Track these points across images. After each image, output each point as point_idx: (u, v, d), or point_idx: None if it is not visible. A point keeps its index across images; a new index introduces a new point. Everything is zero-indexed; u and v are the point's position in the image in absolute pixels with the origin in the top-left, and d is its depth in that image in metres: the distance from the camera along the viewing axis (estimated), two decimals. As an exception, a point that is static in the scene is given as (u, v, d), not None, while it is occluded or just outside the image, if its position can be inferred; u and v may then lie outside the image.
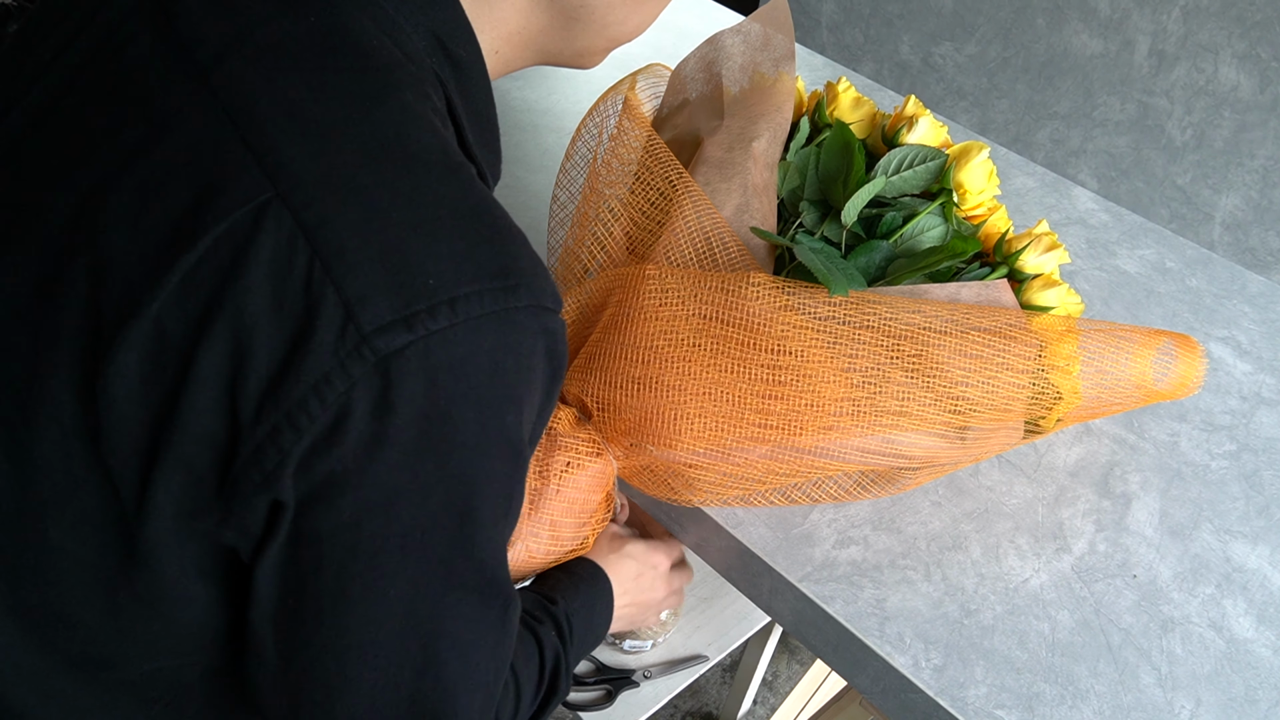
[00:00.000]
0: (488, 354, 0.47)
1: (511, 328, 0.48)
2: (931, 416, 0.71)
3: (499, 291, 0.47)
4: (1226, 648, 0.75)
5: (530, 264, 0.50)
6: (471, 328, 0.46)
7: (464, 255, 0.47)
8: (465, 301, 0.46)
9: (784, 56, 0.89)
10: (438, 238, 0.47)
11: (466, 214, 0.49)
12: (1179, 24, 1.94)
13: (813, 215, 0.81)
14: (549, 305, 0.50)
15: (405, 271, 0.45)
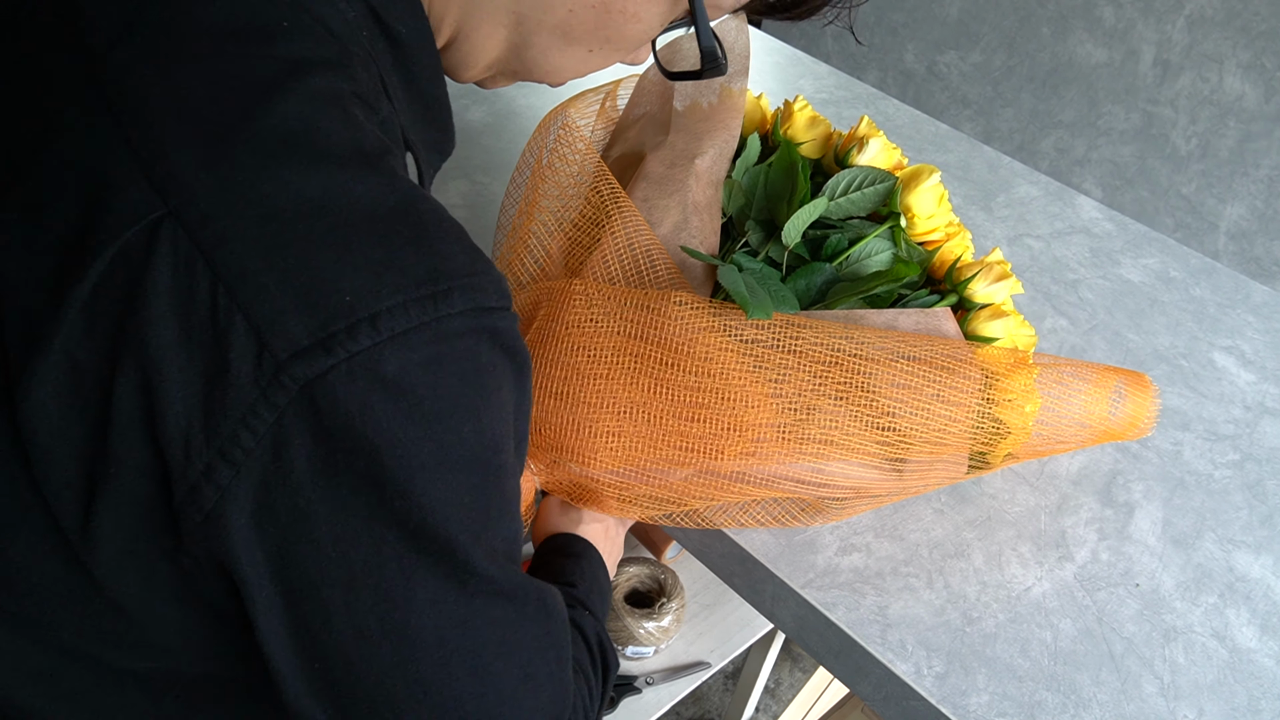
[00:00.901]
0: (423, 369, 0.43)
1: (446, 337, 0.44)
2: (859, 446, 0.69)
3: (427, 300, 0.43)
4: (1230, 657, 0.74)
5: (465, 261, 0.46)
6: (400, 344, 0.42)
7: (383, 264, 0.43)
8: (389, 316, 0.42)
9: (738, 72, 0.88)
10: (352, 247, 0.43)
11: (386, 215, 0.44)
12: (1184, 34, 1.95)
13: (758, 235, 0.80)
14: (492, 304, 0.46)
15: (318, 289, 0.42)
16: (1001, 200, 1.22)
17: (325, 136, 0.45)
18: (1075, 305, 1.07)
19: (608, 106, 0.91)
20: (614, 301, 0.71)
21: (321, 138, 0.45)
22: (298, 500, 0.43)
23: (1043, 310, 1.05)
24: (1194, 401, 0.97)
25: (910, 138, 1.32)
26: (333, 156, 0.45)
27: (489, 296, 0.46)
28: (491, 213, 1.08)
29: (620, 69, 1.37)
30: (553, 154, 0.81)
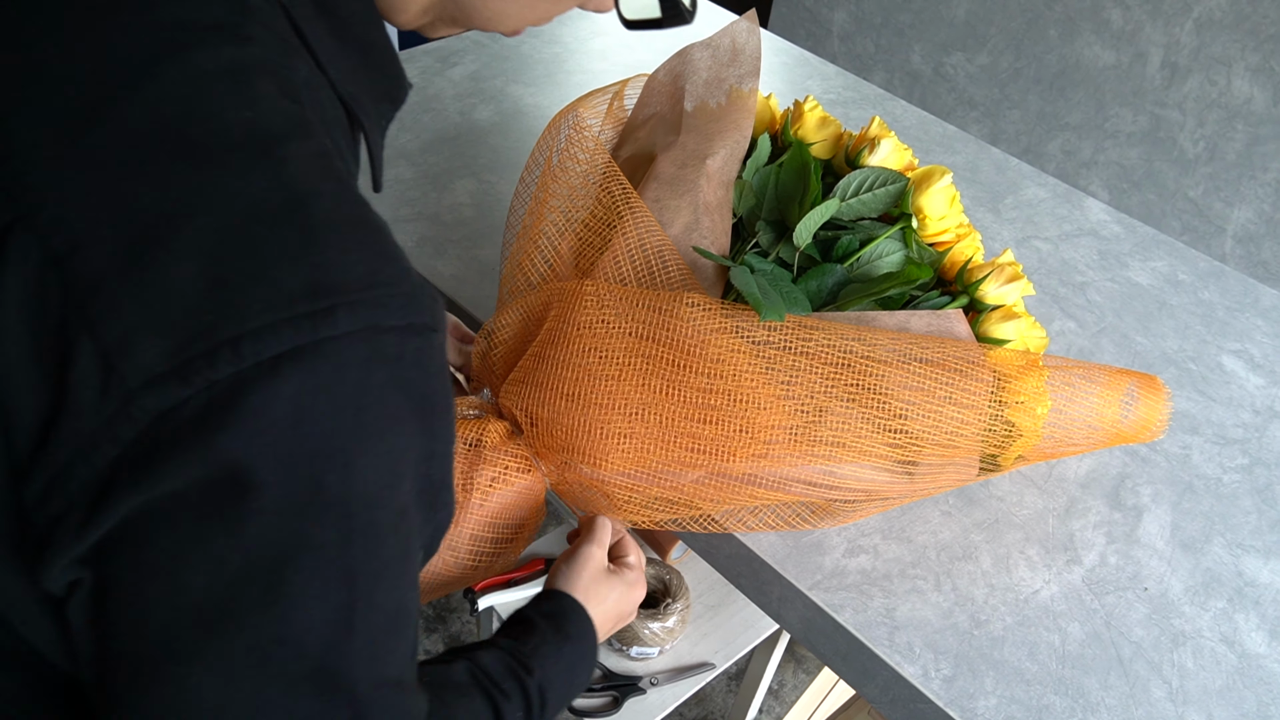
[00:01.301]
0: (290, 402, 0.37)
1: (324, 364, 0.37)
2: (870, 448, 0.69)
3: (303, 320, 0.37)
4: (1239, 662, 0.74)
5: (362, 272, 0.39)
6: (266, 372, 0.36)
7: (254, 276, 0.37)
8: (254, 339, 0.36)
9: (749, 73, 0.88)
10: (221, 256, 0.37)
11: (266, 217, 0.38)
12: (1192, 36, 1.94)
13: (768, 236, 0.80)
14: (392, 322, 0.39)
15: (178, 306, 0.36)
16: (1009, 202, 1.22)
17: (204, 123, 0.39)
18: (1083, 308, 1.07)
19: (615, 106, 0.90)
20: (625, 302, 0.70)
21: (199, 125, 0.39)
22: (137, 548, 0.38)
23: (1051, 313, 1.05)
24: (1203, 405, 0.96)
25: (918, 139, 1.32)
26: (209, 148, 0.39)
27: (388, 313, 0.39)
28: (499, 212, 1.08)
29: (627, 68, 1.37)
30: (563, 154, 0.81)
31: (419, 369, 0.41)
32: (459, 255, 1.01)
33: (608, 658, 1.35)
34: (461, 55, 1.36)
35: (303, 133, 0.42)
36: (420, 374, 0.41)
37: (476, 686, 0.58)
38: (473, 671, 0.59)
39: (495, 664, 0.61)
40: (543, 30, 1.45)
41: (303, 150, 0.41)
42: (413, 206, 1.06)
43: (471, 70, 1.33)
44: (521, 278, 0.78)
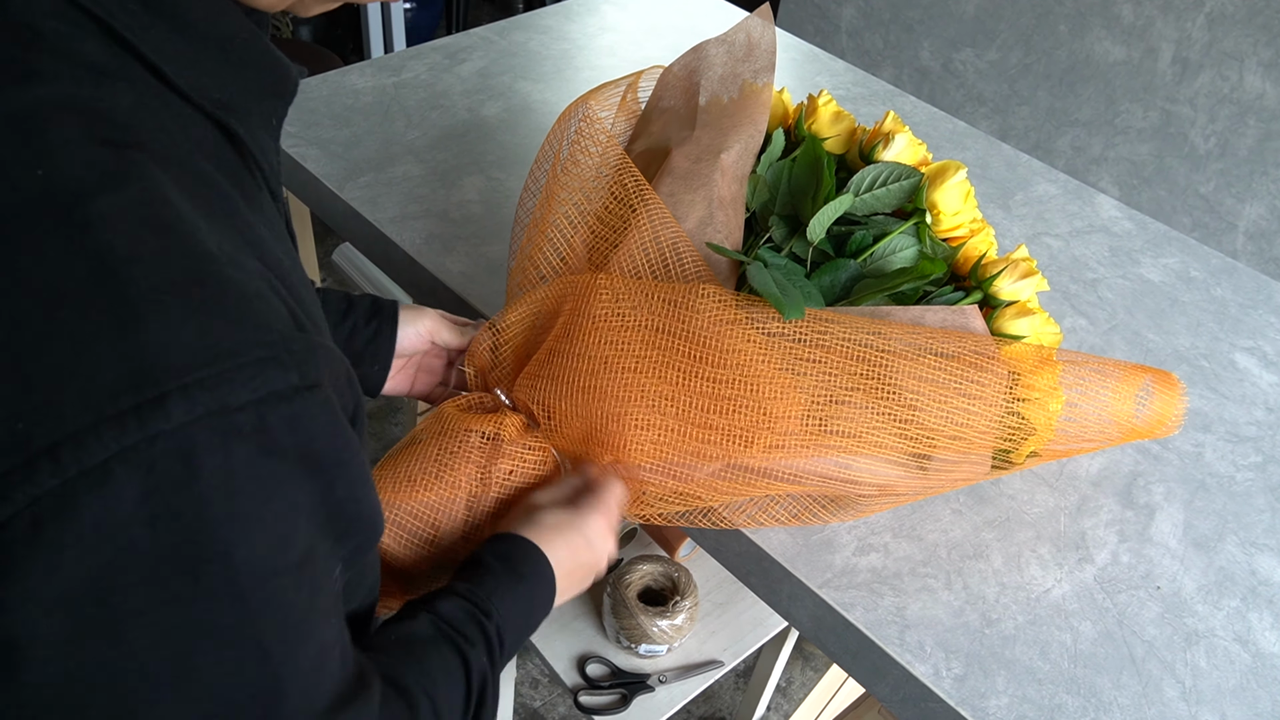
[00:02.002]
0: (137, 504, 0.33)
1: (166, 460, 0.33)
2: (884, 441, 0.69)
3: (129, 416, 0.32)
4: (1252, 662, 0.74)
5: (203, 343, 0.34)
6: (96, 478, 0.32)
7: (65, 369, 0.32)
8: (74, 446, 0.32)
9: (764, 68, 0.88)
10: (22, 350, 0.32)
11: (74, 294, 0.33)
12: (1204, 31, 1.93)
13: (782, 230, 0.80)
14: (250, 397, 0.35)
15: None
16: (1020, 199, 1.21)
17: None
18: (1095, 305, 1.06)
19: (629, 99, 0.90)
20: (640, 295, 0.70)
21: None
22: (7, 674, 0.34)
23: (1062, 310, 1.05)
24: (1215, 403, 0.96)
25: (928, 135, 1.32)
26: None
27: (236, 390, 0.34)
28: (507, 209, 1.07)
29: (635, 63, 1.37)
30: (574, 146, 0.81)
31: (295, 434, 0.37)
32: (467, 252, 1.00)
33: (615, 656, 1.35)
34: (470, 52, 1.36)
35: (115, 183, 0.35)
36: (299, 439, 0.37)
37: (442, 637, 0.57)
38: (436, 623, 0.58)
39: (456, 612, 0.59)
40: (550, 26, 1.45)
41: (115, 204, 0.35)
42: (421, 204, 1.06)
43: (480, 67, 1.32)
44: (533, 270, 0.78)
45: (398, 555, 0.72)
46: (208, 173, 0.41)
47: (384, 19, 2.47)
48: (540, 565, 0.66)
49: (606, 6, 1.52)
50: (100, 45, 0.38)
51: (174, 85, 0.41)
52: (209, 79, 0.42)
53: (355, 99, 1.22)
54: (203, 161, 0.41)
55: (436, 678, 0.54)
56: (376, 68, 1.29)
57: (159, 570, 0.34)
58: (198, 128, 0.42)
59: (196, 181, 0.39)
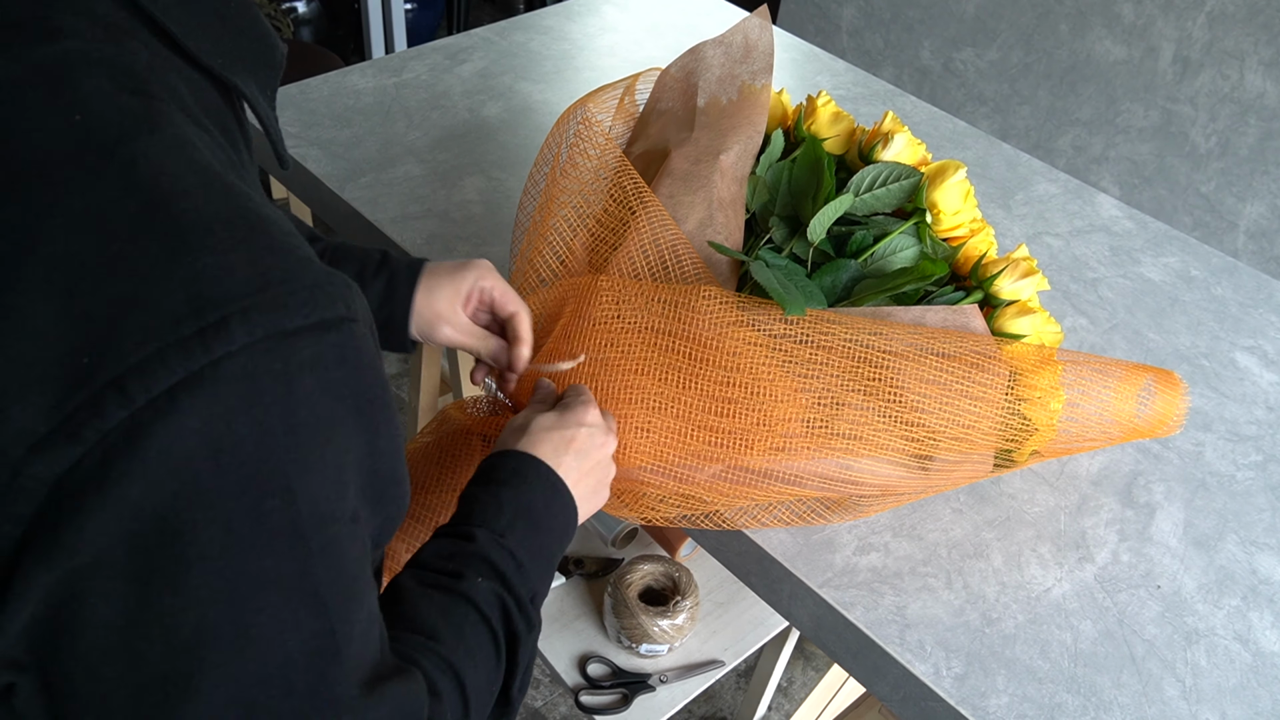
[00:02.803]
0: (200, 435, 0.33)
1: (230, 386, 0.34)
2: (887, 442, 0.68)
3: (192, 341, 0.33)
4: (1253, 660, 0.74)
5: (250, 272, 0.35)
6: (163, 410, 0.32)
7: (125, 300, 0.33)
8: (139, 375, 0.32)
9: (762, 69, 0.88)
10: (81, 285, 0.33)
11: (127, 228, 0.34)
12: (1204, 30, 1.93)
13: (782, 231, 0.80)
14: (297, 323, 0.35)
15: (46, 354, 0.32)
16: (1020, 198, 1.22)
17: (24, 137, 0.34)
18: (1095, 304, 1.06)
19: (626, 101, 0.90)
20: (641, 297, 0.71)
21: (18, 141, 0.34)
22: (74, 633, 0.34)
23: (1062, 309, 1.05)
24: (1216, 402, 0.96)
25: (928, 135, 1.32)
26: (37, 165, 0.34)
27: (290, 315, 0.35)
28: (507, 209, 1.07)
29: (635, 64, 1.37)
30: (572, 149, 0.81)
31: (345, 367, 0.37)
32: (468, 252, 1.00)
33: (616, 655, 1.35)
34: (470, 52, 1.36)
35: (150, 126, 0.37)
36: (348, 372, 0.37)
37: (430, 585, 0.53)
38: (418, 574, 0.54)
39: (438, 550, 0.55)
40: (551, 27, 1.45)
41: (154, 145, 0.36)
42: (421, 204, 1.06)
43: (480, 67, 1.33)
44: (533, 274, 0.78)
45: (401, 559, 0.72)
46: (214, 133, 0.42)
47: (385, 19, 2.47)
48: (521, 462, 0.61)
49: (607, 7, 1.52)
50: (112, 6, 0.40)
51: (182, 47, 0.42)
52: (210, 44, 0.43)
53: (356, 99, 1.22)
54: (208, 122, 0.42)
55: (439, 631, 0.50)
56: (377, 68, 1.29)
57: (223, 508, 0.34)
58: (204, 91, 0.43)
59: (208, 138, 0.40)
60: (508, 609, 0.54)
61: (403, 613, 0.51)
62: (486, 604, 0.53)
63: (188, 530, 0.34)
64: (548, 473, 0.61)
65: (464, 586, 0.53)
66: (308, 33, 2.85)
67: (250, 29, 0.46)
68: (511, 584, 0.55)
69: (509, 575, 0.55)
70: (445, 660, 0.49)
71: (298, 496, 0.36)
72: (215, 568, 0.35)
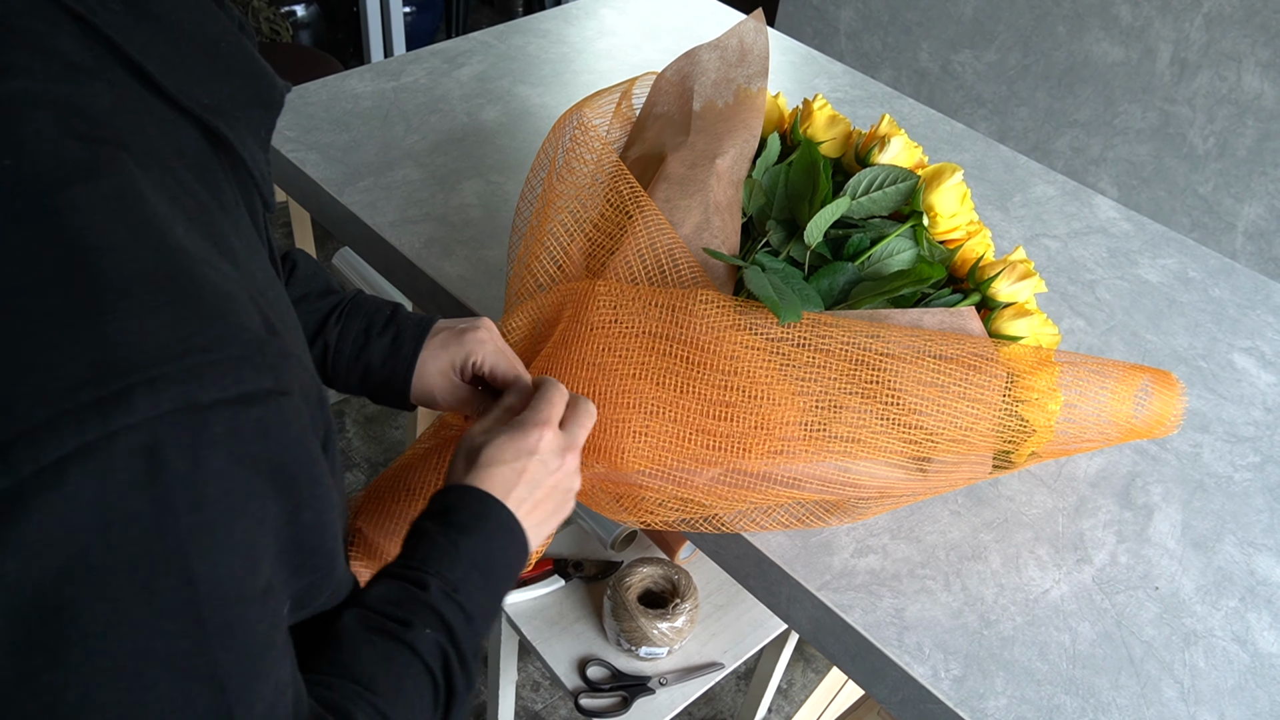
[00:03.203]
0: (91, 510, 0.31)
1: (127, 460, 0.31)
2: (886, 445, 0.69)
3: (89, 410, 0.31)
4: (1251, 662, 0.74)
5: (175, 335, 0.33)
6: (49, 479, 0.30)
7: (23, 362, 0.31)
8: (27, 445, 0.30)
9: (757, 73, 0.88)
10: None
11: (39, 284, 0.32)
12: (1202, 32, 1.93)
13: (779, 235, 0.80)
14: (219, 396, 0.33)
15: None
16: (1018, 200, 1.22)
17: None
18: (1093, 306, 1.06)
19: (623, 106, 0.90)
20: (639, 301, 0.71)
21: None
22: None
23: (1060, 311, 1.05)
24: (1213, 403, 0.96)
25: (926, 137, 1.32)
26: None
27: (206, 386, 0.33)
28: (506, 213, 1.08)
29: (634, 67, 1.37)
30: (569, 154, 0.81)
31: (266, 441, 0.35)
32: (466, 256, 1.01)
33: (616, 658, 1.35)
34: (469, 56, 1.36)
35: (87, 174, 0.34)
36: (269, 446, 0.35)
37: (375, 630, 0.51)
38: (364, 616, 0.52)
39: (387, 594, 0.53)
40: (549, 30, 1.45)
41: (87, 195, 0.34)
42: (420, 207, 1.06)
43: (478, 71, 1.33)
44: (530, 280, 0.78)
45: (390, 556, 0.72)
46: (186, 180, 0.40)
47: (384, 23, 2.47)
48: (482, 507, 0.58)
49: (605, 10, 1.52)
50: (78, 44, 0.37)
51: (159, 87, 0.40)
52: (196, 83, 0.41)
53: (355, 103, 1.22)
54: (181, 168, 0.40)
55: (375, 679, 0.49)
56: (376, 72, 1.29)
57: (111, 585, 0.32)
58: (182, 133, 0.41)
59: (175, 185, 0.38)
60: (449, 665, 0.52)
61: (341, 660, 0.49)
62: (430, 656, 0.51)
63: (69, 606, 0.32)
64: (506, 518, 0.58)
65: (410, 636, 0.51)
66: (306, 36, 2.86)
67: (243, 67, 0.44)
68: (458, 639, 0.53)
69: (457, 630, 0.53)
70: (380, 712, 0.48)
71: (196, 576, 0.34)
72: (100, 646, 0.33)
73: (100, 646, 0.33)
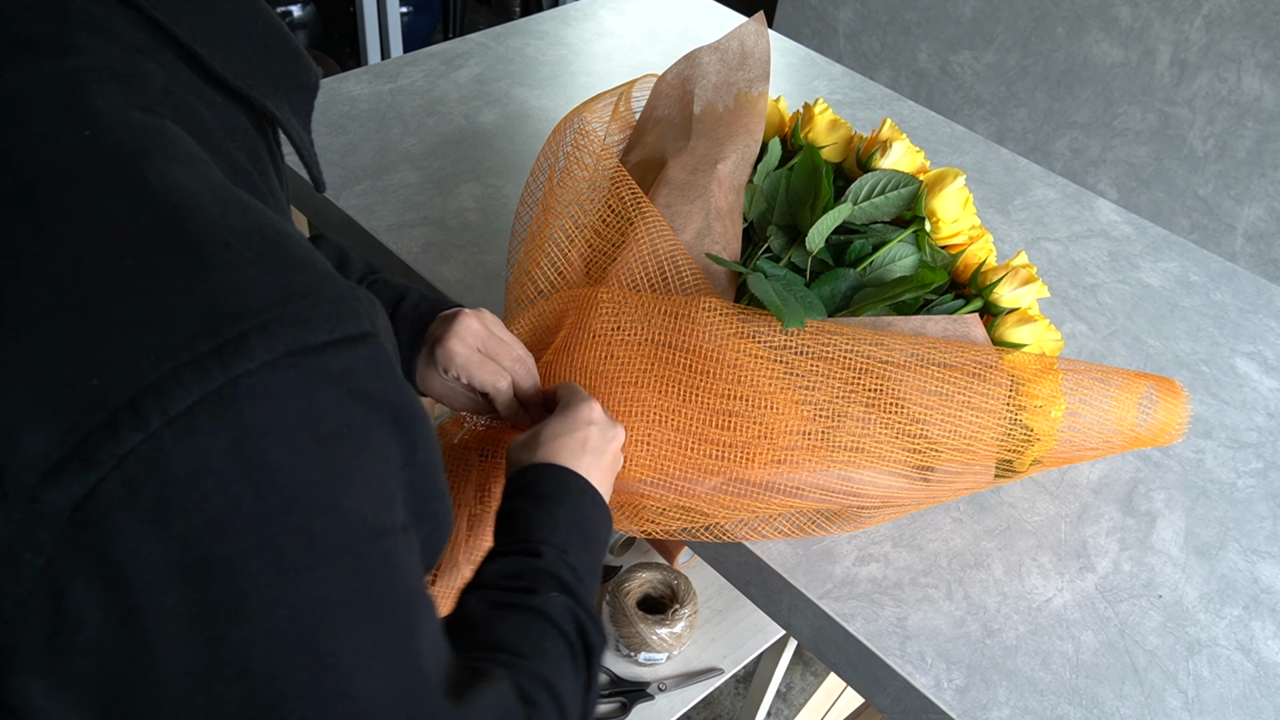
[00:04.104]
0: (228, 456, 0.32)
1: (253, 404, 0.32)
2: (889, 454, 0.68)
3: (209, 358, 0.31)
4: (1255, 671, 0.73)
5: (270, 286, 0.33)
6: (182, 430, 0.31)
7: (137, 318, 0.32)
8: (155, 395, 0.31)
9: (759, 77, 0.87)
10: (91, 303, 0.31)
11: (140, 243, 0.33)
12: (1201, 33, 1.93)
13: (780, 240, 0.79)
14: (321, 338, 0.34)
15: (57, 376, 0.31)
16: (1019, 203, 1.21)
17: (33, 155, 0.33)
18: (1094, 310, 1.06)
19: (622, 109, 0.90)
20: (641, 309, 0.70)
21: (27, 158, 0.33)
22: (102, 660, 0.32)
23: (1061, 315, 1.04)
24: (1216, 409, 0.95)
25: (925, 139, 1.31)
26: (46, 180, 0.33)
27: (314, 329, 0.33)
28: (504, 217, 1.07)
29: (632, 69, 1.36)
30: (569, 159, 0.80)
31: (377, 379, 0.36)
32: (465, 260, 1.00)
33: (615, 664, 1.34)
34: (466, 58, 1.35)
35: (162, 144, 0.36)
36: (381, 384, 0.36)
37: (503, 605, 0.52)
38: (488, 594, 0.53)
39: (504, 569, 0.54)
40: (547, 32, 1.44)
41: (166, 161, 0.35)
42: (417, 211, 1.06)
43: (476, 73, 1.32)
44: (531, 286, 0.78)
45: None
46: (238, 159, 0.41)
47: (380, 24, 2.47)
48: (560, 478, 0.60)
49: (603, 12, 1.51)
50: (131, 26, 0.39)
51: (207, 68, 0.41)
52: (241, 64, 0.42)
53: (351, 105, 1.21)
54: (233, 147, 0.41)
55: (521, 648, 0.49)
56: (373, 74, 1.29)
57: (271, 530, 0.33)
58: (230, 115, 0.42)
59: (228, 162, 0.40)
60: (582, 624, 0.53)
61: (479, 639, 0.50)
62: (562, 619, 0.52)
63: (237, 559, 0.32)
64: (585, 484, 0.60)
65: (538, 602, 0.52)
66: (303, 37, 2.85)
67: (281, 50, 0.45)
68: (580, 598, 0.54)
69: (576, 590, 0.54)
70: (535, 674, 0.48)
71: (345, 512, 0.35)
72: (276, 595, 0.33)
73: (277, 595, 0.33)
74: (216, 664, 0.33)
